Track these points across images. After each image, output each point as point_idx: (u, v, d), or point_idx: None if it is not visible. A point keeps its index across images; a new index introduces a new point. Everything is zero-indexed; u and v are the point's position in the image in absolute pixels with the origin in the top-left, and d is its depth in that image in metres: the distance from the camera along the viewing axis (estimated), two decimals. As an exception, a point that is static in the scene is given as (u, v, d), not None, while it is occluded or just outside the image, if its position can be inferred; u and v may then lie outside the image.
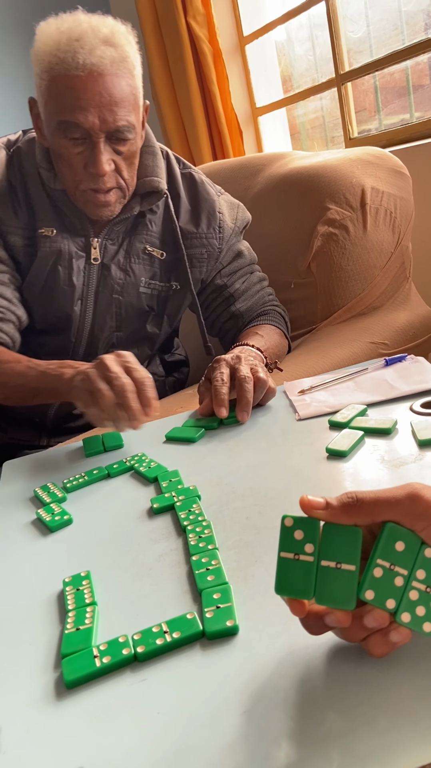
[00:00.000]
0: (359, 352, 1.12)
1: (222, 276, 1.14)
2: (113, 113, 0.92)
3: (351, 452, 0.66)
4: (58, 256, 1.04)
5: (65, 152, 0.95)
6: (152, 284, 1.09)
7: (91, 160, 0.94)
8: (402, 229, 1.25)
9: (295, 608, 0.38)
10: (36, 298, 1.07)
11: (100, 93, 0.90)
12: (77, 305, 1.06)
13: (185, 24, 2.26)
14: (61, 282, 1.04)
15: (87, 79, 0.89)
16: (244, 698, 0.39)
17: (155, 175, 1.05)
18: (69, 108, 0.91)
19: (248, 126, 2.55)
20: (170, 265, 1.09)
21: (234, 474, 0.68)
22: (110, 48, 0.91)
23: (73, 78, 0.89)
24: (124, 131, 0.94)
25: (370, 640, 0.37)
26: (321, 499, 0.38)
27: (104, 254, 1.06)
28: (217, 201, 1.12)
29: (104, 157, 0.94)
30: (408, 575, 0.37)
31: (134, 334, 1.11)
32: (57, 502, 0.70)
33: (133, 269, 1.07)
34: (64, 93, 0.91)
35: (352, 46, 2.03)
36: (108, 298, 1.07)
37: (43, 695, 0.43)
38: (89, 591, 0.52)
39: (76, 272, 1.05)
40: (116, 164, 0.96)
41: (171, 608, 0.49)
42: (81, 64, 0.89)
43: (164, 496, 0.66)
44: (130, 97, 0.94)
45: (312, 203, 1.24)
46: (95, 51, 0.89)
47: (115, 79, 0.91)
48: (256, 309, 1.14)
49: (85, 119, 0.91)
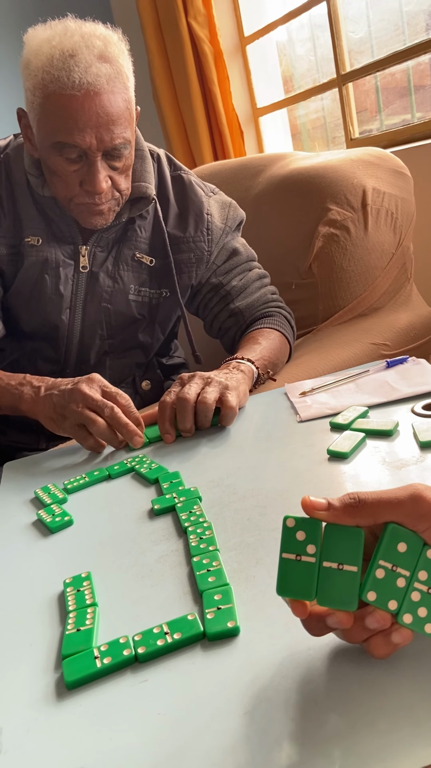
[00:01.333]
0: (360, 353, 1.12)
1: (218, 275, 1.12)
2: (110, 132, 0.90)
3: (352, 454, 0.66)
4: (44, 264, 1.02)
5: (60, 170, 0.93)
6: (142, 291, 1.07)
7: (88, 178, 0.93)
8: (403, 229, 1.25)
9: (297, 609, 0.37)
10: (23, 306, 1.05)
11: (97, 113, 0.88)
12: (65, 314, 1.05)
13: (186, 24, 2.27)
14: (48, 291, 1.03)
15: (83, 99, 0.87)
16: (245, 699, 0.39)
17: (144, 181, 1.03)
18: (65, 129, 0.89)
19: (249, 126, 2.55)
20: (160, 271, 1.08)
21: (235, 475, 0.68)
22: (105, 64, 0.89)
23: (69, 98, 0.87)
24: (121, 148, 0.93)
25: (372, 641, 0.37)
26: (323, 500, 0.38)
27: (93, 262, 1.04)
28: (206, 202, 1.10)
29: (101, 175, 0.92)
30: (410, 576, 0.37)
31: (125, 342, 1.10)
32: (58, 503, 0.70)
33: (121, 276, 1.05)
34: (59, 113, 0.88)
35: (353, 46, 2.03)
36: (96, 306, 1.05)
37: (44, 696, 0.43)
38: (90, 592, 0.52)
39: (64, 281, 1.03)
40: (112, 179, 0.95)
41: (172, 609, 0.49)
42: (77, 83, 0.87)
43: (165, 497, 0.66)
44: (126, 113, 0.92)
45: (313, 204, 1.24)
46: (91, 69, 0.87)
47: (111, 96, 0.89)
48: (258, 307, 1.12)
49: (83, 140, 0.89)
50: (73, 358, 1.09)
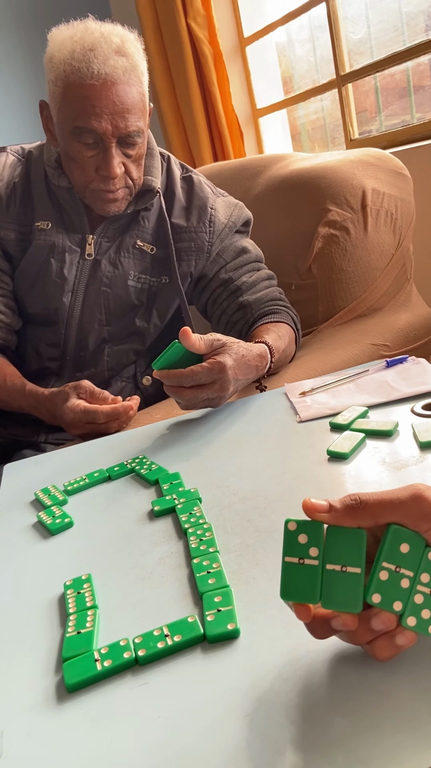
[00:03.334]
0: (360, 353, 1.12)
1: (228, 271, 1.15)
2: (125, 120, 0.97)
3: (352, 454, 0.66)
4: (51, 248, 1.08)
5: (78, 155, 1.00)
6: (142, 278, 1.12)
7: (103, 163, 1.00)
8: (403, 230, 1.25)
9: (301, 613, 0.37)
10: (27, 289, 1.11)
11: (113, 101, 0.96)
12: (66, 297, 1.10)
13: (185, 25, 2.27)
14: (53, 274, 1.09)
15: (101, 88, 0.95)
16: (246, 702, 0.39)
17: (150, 174, 1.09)
18: (84, 115, 0.96)
19: (249, 127, 2.55)
20: (161, 260, 1.12)
21: (235, 476, 0.68)
22: (122, 58, 0.96)
23: (88, 87, 0.95)
24: (134, 136, 1.00)
25: (376, 643, 0.37)
26: (325, 502, 0.37)
27: (98, 250, 1.10)
28: (211, 198, 1.15)
29: (116, 160, 0.99)
30: (413, 578, 0.36)
31: (124, 329, 1.13)
32: (58, 504, 0.70)
33: (122, 263, 1.10)
34: (79, 100, 0.96)
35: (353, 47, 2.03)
36: (96, 290, 1.10)
37: (44, 699, 0.43)
38: (90, 594, 0.52)
39: (69, 265, 1.09)
40: (125, 166, 1.02)
41: (172, 611, 0.48)
42: (95, 74, 0.94)
43: (165, 498, 0.65)
44: (140, 104, 0.99)
45: (313, 205, 1.24)
46: (108, 61, 0.95)
47: (126, 87, 0.97)
48: (265, 302, 1.13)
49: (99, 125, 0.96)
50: (73, 344, 1.12)
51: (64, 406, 0.92)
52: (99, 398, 0.93)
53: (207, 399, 0.84)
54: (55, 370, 1.14)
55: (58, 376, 1.14)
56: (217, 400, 0.85)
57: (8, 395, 1.05)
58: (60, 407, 0.93)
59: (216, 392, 0.83)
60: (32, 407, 1.02)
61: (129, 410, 0.91)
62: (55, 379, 1.14)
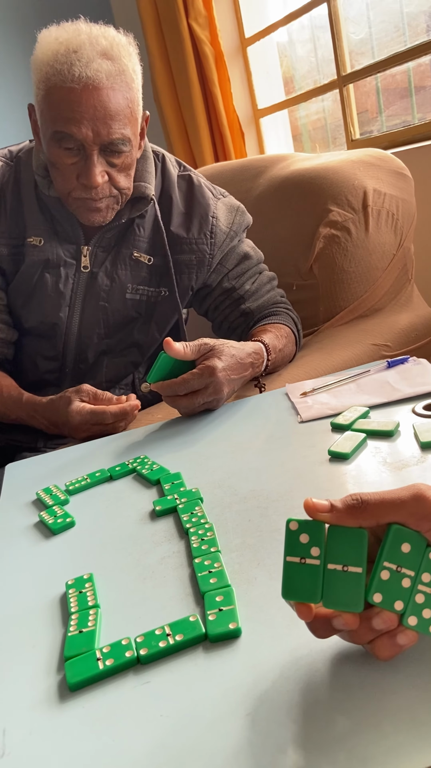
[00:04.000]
0: (361, 353, 1.12)
1: (230, 279, 1.13)
2: (107, 126, 0.92)
3: (353, 454, 0.66)
4: (45, 263, 1.05)
5: (59, 161, 0.95)
6: (140, 290, 1.09)
7: (84, 171, 0.95)
8: (404, 230, 1.25)
9: (302, 612, 0.37)
10: (23, 304, 1.08)
11: (95, 106, 0.90)
12: (63, 312, 1.07)
13: (187, 26, 2.27)
14: (48, 289, 1.05)
15: (82, 92, 0.90)
16: (247, 701, 0.39)
17: (143, 180, 1.05)
18: (63, 119, 0.91)
19: (250, 128, 2.56)
20: (159, 270, 1.09)
21: (236, 476, 0.68)
22: (107, 61, 0.91)
23: (68, 90, 0.90)
24: (118, 144, 0.94)
25: (377, 642, 0.37)
26: (326, 502, 0.37)
27: (94, 261, 1.06)
28: (213, 205, 1.11)
29: (97, 169, 0.94)
30: (414, 577, 0.37)
31: (122, 341, 1.11)
32: (59, 504, 0.70)
33: (118, 276, 1.07)
34: (59, 104, 0.91)
35: (354, 47, 2.04)
36: (94, 305, 1.07)
37: (46, 698, 0.43)
38: (92, 594, 0.52)
39: (64, 279, 1.06)
40: (110, 175, 0.97)
41: (173, 611, 0.49)
42: (77, 77, 0.89)
43: (166, 498, 0.66)
44: (126, 111, 0.94)
45: (314, 205, 1.24)
46: (91, 64, 0.90)
47: (110, 92, 0.91)
48: (267, 307, 1.14)
49: (79, 131, 0.91)
50: (72, 357, 1.11)
51: (68, 410, 0.91)
52: (103, 400, 0.92)
53: (204, 403, 0.85)
54: (54, 381, 1.12)
55: (57, 386, 1.12)
56: (214, 403, 0.86)
57: (5, 406, 1.03)
58: (63, 412, 0.92)
59: (211, 395, 0.84)
60: (30, 416, 1.00)
61: (135, 409, 0.91)
62: (53, 389, 1.11)
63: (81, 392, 0.93)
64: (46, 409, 0.97)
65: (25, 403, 1.00)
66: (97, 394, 0.93)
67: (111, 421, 0.90)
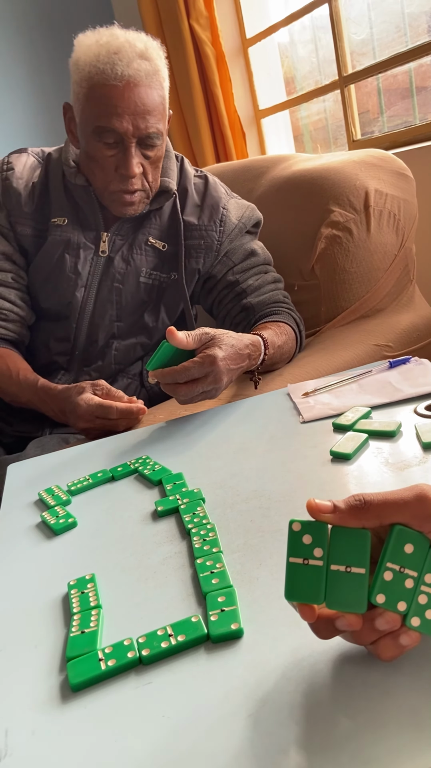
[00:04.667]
0: (363, 354, 1.12)
1: (235, 273, 1.16)
2: (145, 121, 1.00)
3: (355, 455, 0.66)
4: (66, 244, 1.11)
5: (98, 155, 1.03)
6: (153, 274, 1.14)
7: (122, 162, 1.03)
8: (405, 231, 1.25)
9: (305, 613, 0.37)
10: (41, 283, 1.14)
11: (135, 102, 0.99)
12: (80, 292, 1.12)
13: (188, 26, 2.27)
14: (67, 269, 1.11)
15: (124, 89, 0.98)
16: (250, 702, 0.39)
17: (166, 176, 1.13)
18: (106, 114, 0.99)
19: (251, 128, 2.55)
20: (171, 256, 1.14)
21: (238, 476, 0.68)
22: (145, 61, 1.00)
23: (111, 87, 0.98)
24: (154, 138, 1.03)
25: (380, 643, 0.37)
26: (329, 503, 0.37)
27: (112, 248, 1.13)
28: (224, 198, 1.17)
29: (135, 160, 1.02)
30: (417, 578, 0.36)
31: (133, 324, 1.15)
32: (61, 505, 0.70)
33: (134, 259, 1.13)
34: (102, 100, 0.99)
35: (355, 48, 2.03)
36: (109, 286, 1.13)
37: (49, 698, 0.43)
38: (94, 594, 0.52)
39: (83, 261, 1.12)
40: (144, 167, 1.05)
41: (175, 611, 0.49)
42: (119, 75, 0.98)
43: (168, 498, 0.66)
44: (160, 107, 1.03)
45: (316, 206, 1.24)
46: (132, 64, 0.98)
47: (148, 90, 1.00)
48: (269, 304, 1.15)
49: (120, 125, 0.99)
50: (83, 339, 1.15)
51: (77, 398, 0.93)
52: (115, 397, 0.94)
53: (203, 392, 0.86)
54: (64, 365, 1.16)
55: (66, 370, 1.16)
56: (213, 392, 0.87)
57: (19, 389, 1.06)
58: (72, 400, 0.94)
59: (210, 384, 0.84)
60: (42, 402, 1.02)
61: (141, 412, 0.92)
62: (62, 372, 1.16)
63: (96, 386, 0.95)
64: (58, 396, 0.99)
65: (39, 388, 1.03)
66: (111, 391, 0.95)
67: (115, 417, 0.91)
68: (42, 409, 1.04)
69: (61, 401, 0.98)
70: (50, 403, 1.01)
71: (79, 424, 0.93)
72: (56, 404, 0.99)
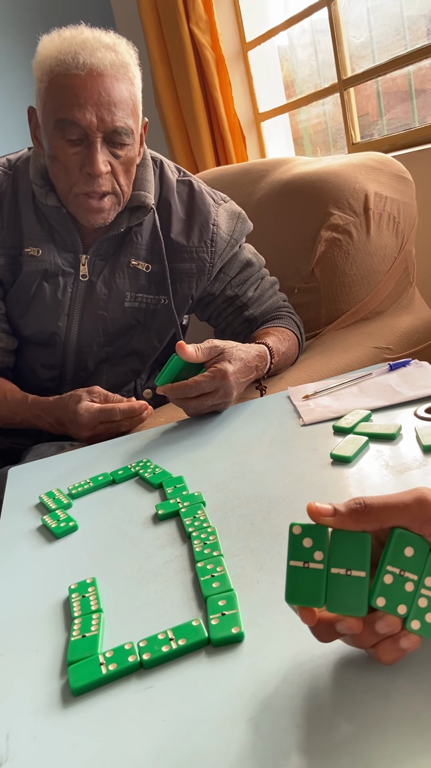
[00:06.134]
0: (363, 356, 1.12)
1: (233, 287, 1.12)
2: (111, 113, 0.91)
3: (355, 458, 0.66)
4: (44, 273, 1.04)
5: (61, 153, 0.94)
6: (139, 297, 1.08)
7: (87, 160, 0.93)
8: (405, 234, 1.25)
9: (306, 616, 0.37)
10: (21, 313, 1.07)
11: (99, 92, 0.90)
12: (62, 321, 1.06)
13: (188, 30, 2.27)
14: (47, 299, 1.05)
15: (86, 78, 0.90)
16: (250, 705, 0.39)
17: (143, 189, 1.04)
18: (67, 105, 0.90)
19: (251, 132, 2.56)
20: (158, 277, 1.08)
21: (238, 480, 0.68)
22: (111, 52, 0.91)
23: (73, 77, 0.90)
24: (122, 133, 0.94)
25: (380, 646, 0.37)
26: (329, 506, 0.37)
27: (92, 270, 1.06)
28: (214, 212, 1.09)
29: (101, 157, 0.93)
30: (417, 581, 0.37)
31: (122, 349, 1.11)
32: (62, 508, 0.70)
33: (116, 284, 1.06)
34: (63, 91, 0.91)
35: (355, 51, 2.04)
36: (93, 314, 1.07)
37: (50, 702, 0.43)
38: (95, 598, 0.52)
39: (63, 288, 1.05)
40: (113, 167, 0.96)
41: (176, 615, 0.49)
42: (81, 64, 0.89)
43: (169, 502, 0.66)
44: (129, 102, 0.94)
45: (316, 208, 1.25)
46: (96, 53, 0.90)
47: (114, 81, 0.91)
48: (270, 312, 1.14)
49: (83, 117, 0.90)
50: (71, 365, 1.10)
51: (77, 407, 0.90)
52: (113, 401, 0.93)
53: (212, 405, 0.85)
54: (54, 389, 1.12)
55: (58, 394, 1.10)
56: (223, 405, 0.87)
57: (10, 409, 1.02)
58: (71, 409, 0.91)
59: (220, 398, 0.84)
60: (36, 417, 0.99)
61: (144, 408, 0.91)
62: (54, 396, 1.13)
63: (92, 393, 0.93)
64: (52, 407, 0.96)
65: (31, 403, 1.00)
66: (108, 396, 0.93)
67: (119, 418, 0.89)
68: (38, 424, 1.00)
69: (57, 411, 0.95)
70: (45, 416, 0.98)
71: (82, 433, 0.91)
72: (51, 416, 0.97)
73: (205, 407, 0.85)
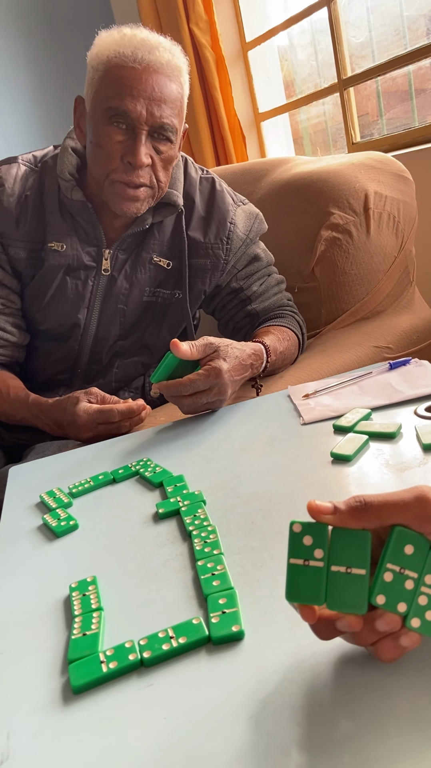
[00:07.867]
0: (363, 356, 1.12)
1: (239, 279, 1.14)
2: (161, 109, 0.95)
3: (355, 456, 0.66)
4: (67, 268, 1.06)
5: (105, 140, 0.96)
6: (157, 292, 1.10)
7: (130, 150, 0.96)
8: (405, 233, 1.26)
9: (306, 614, 0.37)
10: (40, 307, 1.09)
11: (152, 87, 0.94)
12: (82, 313, 1.08)
13: (188, 30, 2.28)
14: (69, 292, 1.07)
15: (142, 72, 0.93)
16: (251, 703, 0.39)
17: (174, 188, 1.07)
18: (120, 95, 0.94)
19: (251, 131, 2.56)
20: (177, 272, 1.10)
21: (239, 478, 0.68)
22: (167, 53, 0.96)
23: (130, 69, 0.93)
24: (168, 130, 0.97)
25: (380, 644, 0.37)
26: (329, 504, 0.37)
27: (114, 265, 1.08)
28: (232, 211, 1.12)
29: (144, 149, 0.96)
30: (417, 579, 0.37)
31: (136, 343, 1.13)
32: (63, 507, 0.70)
33: (137, 279, 1.08)
34: (117, 81, 0.94)
35: (354, 51, 2.04)
36: (113, 307, 1.09)
37: (50, 701, 0.43)
38: (95, 596, 0.52)
39: (84, 282, 1.07)
40: (153, 162, 0.98)
41: (177, 613, 0.49)
42: (139, 59, 0.93)
43: (169, 501, 0.66)
44: (178, 102, 0.98)
45: (316, 208, 1.25)
46: (154, 51, 0.94)
47: (167, 79, 0.95)
48: (273, 309, 1.15)
49: (134, 108, 0.93)
50: (85, 358, 1.12)
51: (75, 409, 0.91)
52: (110, 402, 0.93)
53: (207, 403, 0.86)
54: (65, 382, 1.13)
55: (68, 387, 1.13)
56: (217, 403, 0.87)
57: (11, 407, 1.03)
58: (69, 411, 0.92)
59: (215, 396, 0.85)
60: (35, 417, 1.00)
61: (143, 409, 0.91)
62: (64, 389, 1.13)
63: (90, 394, 0.93)
64: (51, 409, 0.97)
65: (31, 404, 1.01)
66: (105, 398, 0.93)
67: (118, 419, 0.90)
68: (37, 424, 1.01)
69: (55, 414, 0.96)
70: (44, 418, 0.98)
71: (82, 434, 0.92)
72: (50, 418, 0.97)
73: (199, 405, 0.85)
